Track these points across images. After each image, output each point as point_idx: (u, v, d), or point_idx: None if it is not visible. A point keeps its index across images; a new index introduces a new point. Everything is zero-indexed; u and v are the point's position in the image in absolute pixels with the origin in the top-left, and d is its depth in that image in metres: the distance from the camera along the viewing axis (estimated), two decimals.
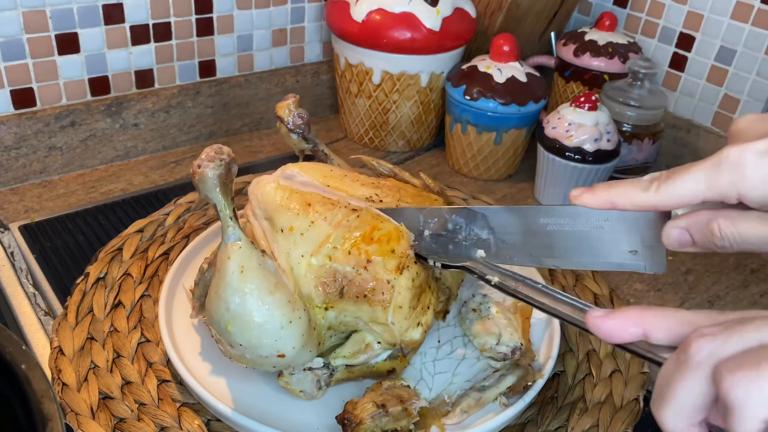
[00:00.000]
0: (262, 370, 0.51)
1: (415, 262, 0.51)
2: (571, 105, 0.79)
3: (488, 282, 0.48)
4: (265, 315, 0.46)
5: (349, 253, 0.50)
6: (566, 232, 0.49)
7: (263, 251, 0.49)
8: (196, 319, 0.57)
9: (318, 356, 0.51)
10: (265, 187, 0.54)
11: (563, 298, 0.44)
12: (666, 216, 0.44)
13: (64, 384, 0.52)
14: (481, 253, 0.51)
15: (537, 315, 0.61)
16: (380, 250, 0.50)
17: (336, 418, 0.49)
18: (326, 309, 0.51)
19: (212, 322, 0.48)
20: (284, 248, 0.51)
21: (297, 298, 0.49)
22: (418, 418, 0.50)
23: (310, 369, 0.51)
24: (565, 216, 0.48)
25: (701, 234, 0.41)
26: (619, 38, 0.92)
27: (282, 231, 0.51)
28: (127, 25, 0.80)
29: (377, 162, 0.62)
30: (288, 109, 0.62)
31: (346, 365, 0.52)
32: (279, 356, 0.48)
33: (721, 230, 0.40)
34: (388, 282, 0.49)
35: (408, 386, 0.53)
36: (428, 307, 0.53)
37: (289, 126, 0.62)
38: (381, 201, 0.55)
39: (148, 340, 0.57)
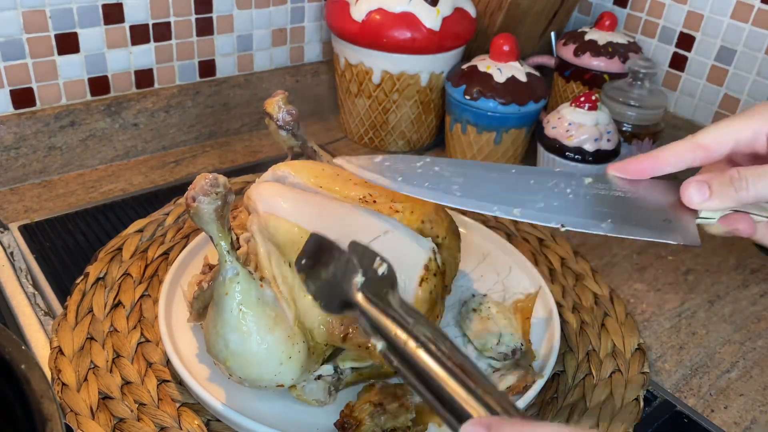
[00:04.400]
0: None
1: (435, 275, 0.51)
2: (571, 105, 0.79)
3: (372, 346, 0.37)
4: (264, 353, 0.46)
5: None
6: (599, 195, 0.47)
7: (262, 278, 0.48)
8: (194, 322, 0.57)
9: (326, 361, 0.52)
10: (279, 222, 0.51)
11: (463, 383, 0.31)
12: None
13: (63, 384, 0.52)
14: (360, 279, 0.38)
15: (537, 315, 0.61)
16: None
17: (335, 424, 0.49)
18: (326, 344, 0.51)
19: (211, 353, 0.48)
20: (290, 280, 0.50)
21: (296, 330, 0.48)
22: (414, 414, 0.50)
23: (320, 377, 0.51)
24: (597, 180, 0.48)
25: (720, 184, 0.43)
26: (619, 38, 0.92)
27: (290, 265, 0.50)
28: (126, 25, 0.80)
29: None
30: (277, 106, 0.62)
31: (355, 368, 0.52)
32: (278, 386, 0.48)
33: (741, 173, 0.42)
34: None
35: (401, 384, 0.53)
36: (437, 316, 0.53)
37: (278, 123, 0.62)
38: (374, 201, 0.54)
39: (148, 340, 0.57)
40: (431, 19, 0.83)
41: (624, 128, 0.85)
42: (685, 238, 0.45)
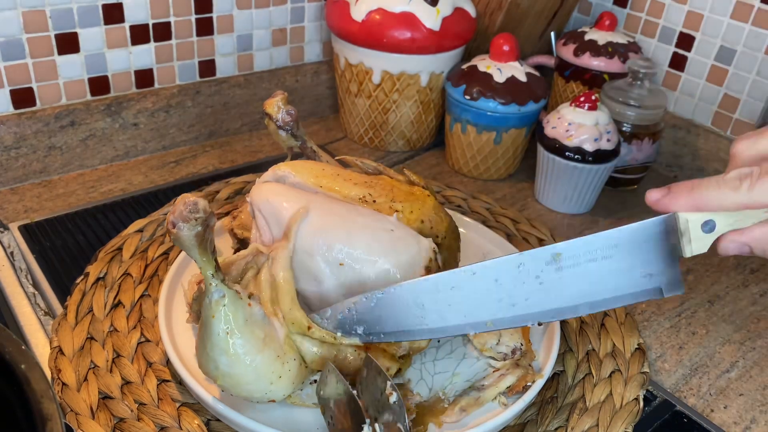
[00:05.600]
0: None
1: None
2: (571, 105, 0.79)
3: None
4: (253, 374, 0.46)
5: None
6: (570, 270, 0.45)
7: (251, 295, 0.48)
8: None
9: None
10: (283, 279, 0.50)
11: None
12: (670, 222, 0.44)
13: (63, 384, 0.52)
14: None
15: None
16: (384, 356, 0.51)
17: None
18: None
19: (202, 370, 0.48)
20: (289, 312, 0.50)
21: (287, 348, 0.48)
22: (414, 414, 0.50)
23: (315, 381, 0.51)
24: (564, 253, 0.45)
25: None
26: (619, 38, 0.92)
27: (292, 299, 0.50)
28: (126, 25, 0.80)
29: (361, 161, 0.62)
30: (277, 106, 0.62)
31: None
32: (270, 401, 0.49)
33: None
34: (387, 369, 0.51)
35: (401, 384, 0.53)
36: None
37: (278, 123, 0.62)
38: (374, 201, 0.55)
39: (148, 340, 0.57)
40: (431, 19, 0.83)
41: (624, 128, 0.85)
42: (668, 287, 0.44)
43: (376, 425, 0.46)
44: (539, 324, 0.46)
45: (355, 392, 0.47)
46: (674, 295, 0.45)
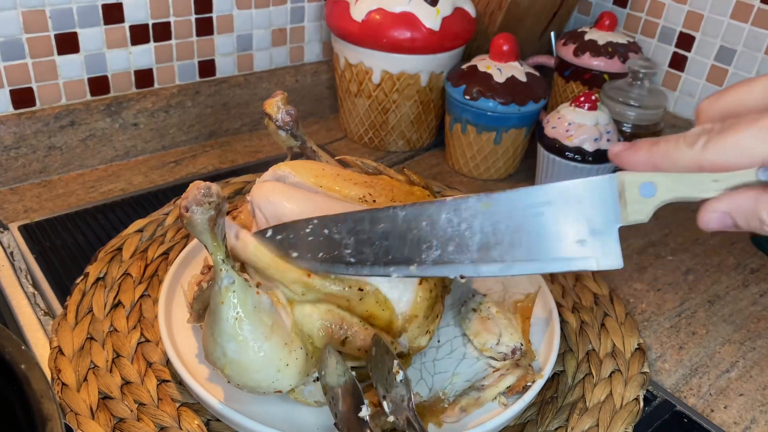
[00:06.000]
0: None
1: None
2: (570, 105, 0.79)
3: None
4: (261, 362, 0.46)
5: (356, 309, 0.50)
6: (494, 224, 0.41)
7: (259, 284, 0.48)
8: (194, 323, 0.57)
9: None
10: (256, 251, 0.50)
11: None
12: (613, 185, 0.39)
13: (63, 384, 0.52)
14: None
15: (537, 315, 0.61)
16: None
17: (335, 425, 0.49)
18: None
19: (209, 360, 0.48)
20: (287, 293, 0.50)
21: (294, 337, 0.48)
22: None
23: (318, 380, 0.51)
24: (494, 203, 0.41)
25: (746, 219, 0.36)
26: (619, 38, 0.92)
27: (282, 283, 0.50)
28: (126, 25, 0.80)
29: (361, 161, 0.62)
30: (276, 106, 0.62)
31: (355, 368, 0.52)
32: (276, 392, 0.48)
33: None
34: (392, 342, 0.51)
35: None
36: (437, 316, 0.53)
37: (277, 123, 0.62)
38: (374, 201, 0.55)
39: (148, 340, 0.57)
40: (431, 19, 0.83)
41: (624, 128, 0.85)
42: (602, 259, 0.40)
43: (385, 402, 0.47)
44: (462, 277, 0.43)
45: (354, 374, 0.47)
46: (610, 269, 0.40)
